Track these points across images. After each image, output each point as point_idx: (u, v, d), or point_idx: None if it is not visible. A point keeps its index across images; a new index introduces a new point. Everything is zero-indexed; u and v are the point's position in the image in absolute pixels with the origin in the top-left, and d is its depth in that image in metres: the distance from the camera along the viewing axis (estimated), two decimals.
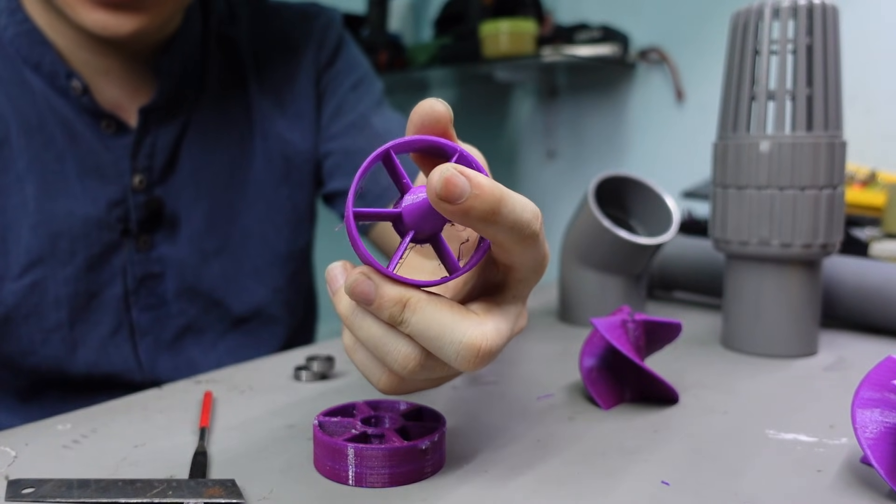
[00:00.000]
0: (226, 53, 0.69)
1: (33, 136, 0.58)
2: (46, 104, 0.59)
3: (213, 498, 0.30)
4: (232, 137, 0.68)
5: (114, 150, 0.61)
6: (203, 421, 0.39)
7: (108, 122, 0.61)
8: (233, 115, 0.68)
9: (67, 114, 0.60)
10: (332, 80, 0.73)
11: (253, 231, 0.69)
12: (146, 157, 0.62)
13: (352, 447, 0.32)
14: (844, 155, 0.52)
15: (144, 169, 0.62)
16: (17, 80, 0.59)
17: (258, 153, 0.69)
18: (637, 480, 0.33)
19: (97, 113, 0.60)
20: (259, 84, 0.70)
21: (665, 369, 0.49)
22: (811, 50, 0.50)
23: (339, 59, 0.73)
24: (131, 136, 0.62)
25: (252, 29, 0.71)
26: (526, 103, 1.86)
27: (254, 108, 0.69)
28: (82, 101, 0.60)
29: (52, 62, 0.59)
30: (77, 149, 0.60)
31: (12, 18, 0.59)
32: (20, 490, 0.30)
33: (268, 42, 0.71)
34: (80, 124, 0.60)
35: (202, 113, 0.66)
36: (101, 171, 0.61)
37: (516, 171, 1.89)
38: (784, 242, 0.51)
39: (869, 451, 0.31)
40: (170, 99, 0.63)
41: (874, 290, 0.57)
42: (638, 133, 1.64)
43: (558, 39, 1.55)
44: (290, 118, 0.71)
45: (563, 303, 0.64)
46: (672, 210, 0.61)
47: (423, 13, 2.01)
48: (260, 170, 0.69)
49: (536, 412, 0.42)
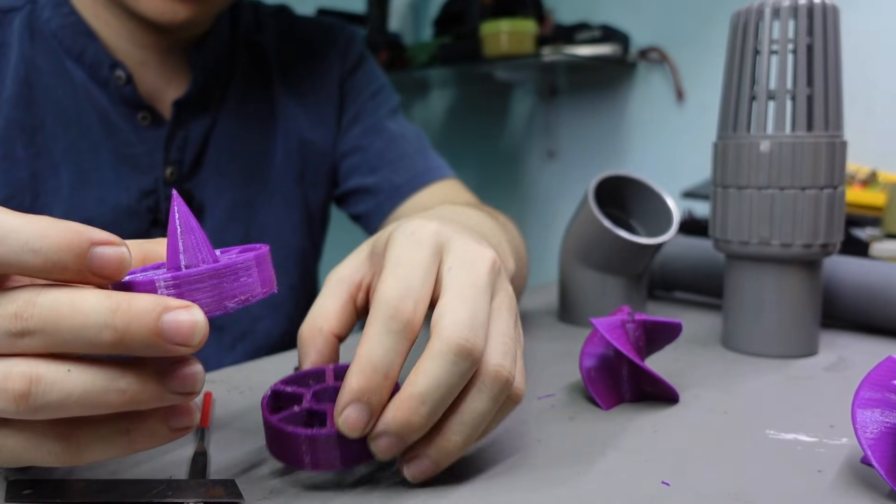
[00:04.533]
0: (252, 56, 0.72)
1: (70, 126, 0.61)
2: (85, 95, 0.62)
3: (213, 498, 0.30)
4: (255, 135, 0.70)
5: (148, 141, 0.63)
6: (203, 421, 0.39)
7: (145, 114, 0.63)
8: (257, 113, 0.71)
9: (105, 105, 0.62)
10: (353, 87, 0.76)
11: (270, 227, 0.71)
12: (178, 149, 0.65)
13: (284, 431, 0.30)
14: (845, 155, 0.52)
15: (176, 161, 0.65)
16: (58, 70, 0.61)
17: (279, 151, 0.71)
18: (637, 480, 0.33)
19: (136, 104, 0.63)
20: (284, 85, 0.73)
21: (665, 369, 0.49)
22: (811, 50, 0.50)
23: (360, 70, 0.77)
24: (165, 128, 0.64)
25: (278, 37, 0.74)
26: (526, 103, 1.86)
27: (278, 107, 0.72)
28: (124, 91, 0.62)
29: (95, 53, 0.61)
30: (112, 139, 0.62)
31: (58, 11, 0.61)
32: (20, 491, 0.30)
33: (294, 48, 0.74)
34: (116, 115, 0.62)
35: (229, 110, 0.68)
36: (134, 161, 0.63)
37: (516, 171, 1.89)
38: (784, 242, 0.51)
39: (869, 451, 0.31)
40: (201, 93, 0.66)
41: (874, 290, 0.57)
42: (638, 133, 1.64)
43: (558, 39, 1.55)
44: (313, 119, 0.73)
45: (563, 303, 0.64)
46: (672, 210, 0.61)
47: (423, 13, 2.01)
48: (280, 167, 0.71)
49: (536, 412, 0.42)
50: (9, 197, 0.59)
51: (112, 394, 0.25)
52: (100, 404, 0.25)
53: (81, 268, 0.24)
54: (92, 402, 0.25)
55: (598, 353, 0.44)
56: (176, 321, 0.24)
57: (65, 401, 0.24)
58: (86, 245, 0.24)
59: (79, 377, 0.24)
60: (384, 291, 0.30)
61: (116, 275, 0.25)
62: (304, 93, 0.74)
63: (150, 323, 0.24)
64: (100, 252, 0.24)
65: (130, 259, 0.25)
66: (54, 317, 0.24)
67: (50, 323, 0.24)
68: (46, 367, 0.24)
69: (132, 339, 0.24)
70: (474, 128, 1.97)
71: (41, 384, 0.24)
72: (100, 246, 0.24)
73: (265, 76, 0.72)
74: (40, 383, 0.24)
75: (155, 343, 0.24)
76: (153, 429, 0.27)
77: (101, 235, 0.24)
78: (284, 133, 0.72)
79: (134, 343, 0.24)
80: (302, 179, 0.73)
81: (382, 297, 0.30)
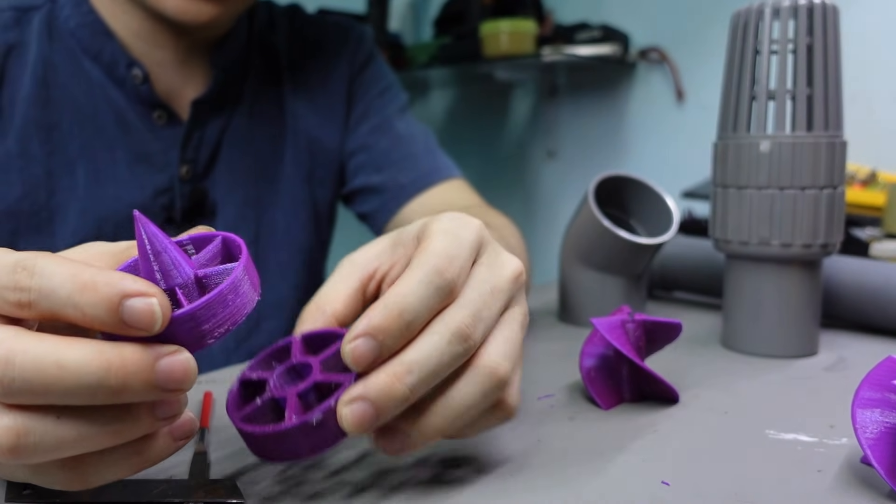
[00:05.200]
0: (264, 56, 0.72)
1: (85, 124, 0.62)
2: (102, 93, 0.62)
3: (213, 498, 0.30)
4: (266, 134, 0.71)
5: (163, 139, 0.64)
6: (203, 421, 0.39)
7: (161, 113, 0.64)
8: (268, 113, 0.71)
9: (121, 104, 0.63)
10: (362, 85, 0.77)
11: (279, 226, 0.71)
12: (194, 148, 0.65)
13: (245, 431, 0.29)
14: (844, 155, 0.52)
15: (191, 160, 0.65)
16: (75, 69, 0.62)
17: (288, 150, 0.72)
18: (637, 480, 0.33)
19: (152, 102, 0.63)
20: (293, 85, 0.73)
21: (665, 369, 0.49)
22: (811, 50, 0.50)
23: (369, 68, 0.77)
24: (181, 127, 0.64)
25: (290, 36, 0.75)
26: (526, 103, 1.86)
27: (287, 106, 0.72)
28: (140, 90, 0.62)
29: (112, 52, 0.62)
30: (128, 138, 0.63)
31: (77, 10, 0.62)
32: (20, 491, 0.30)
33: (304, 48, 0.75)
34: (132, 114, 0.63)
35: (241, 110, 0.69)
36: (150, 159, 0.63)
37: (516, 171, 1.89)
38: (784, 242, 0.51)
39: (869, 451, 0.31)
40: (218, 93, 0.66)
41: (874, 290, 0.57)
42: (638, 133, 1.64)
43: (558, 39, 1.55)
44: (321, 117, 0.74)
45: (563, 303, 0.64)
46: (672, 210, 0.61)
47: (423, 13, 2.01)
48: (289, 166, 0.72)
49: (536, 412, 0.42)
50: (25, 194, 0.59)
51: (107, 435, 0.25)
52: (96, 446, 0.25)
53: (116, 322, 0.23)
54: (87, 446, 0.24)
55: (598, 353, 0.44)
56: (170, 369, 0.24)
57: (58, 448, 0.24)
58: (117, 299, 0.23)
59: (69, 425, 0.24)
60: (435, 247, 0.30)
61: (150, 328, 0.23)
62: (313, 91, 0.74)
63: (146, 376, 0.23)
64: (130, 306, 0.23)
65: (161, 312, 0.24)
66: (40, 378, 0.23)
67: (36, 384, 0.23)
68: (32, 421, 0.24)
69: (127, 395, 0.24)
70: (474, 128, 1.97)
71: (29, 437, 0.23)
72: (131, 299, 0.23)
73: (276, 76, 0.72)
74: (28, 436, 0.23)
75: (150, 394, 0.24)
76: (161, 446, 0.27)
77: (133, 287, 0.23)
78: (293, 132, 0.72)
79: (126, 398, 0.24)
80: (310, 178, 0.73)
81: (432, 251, 0.30)
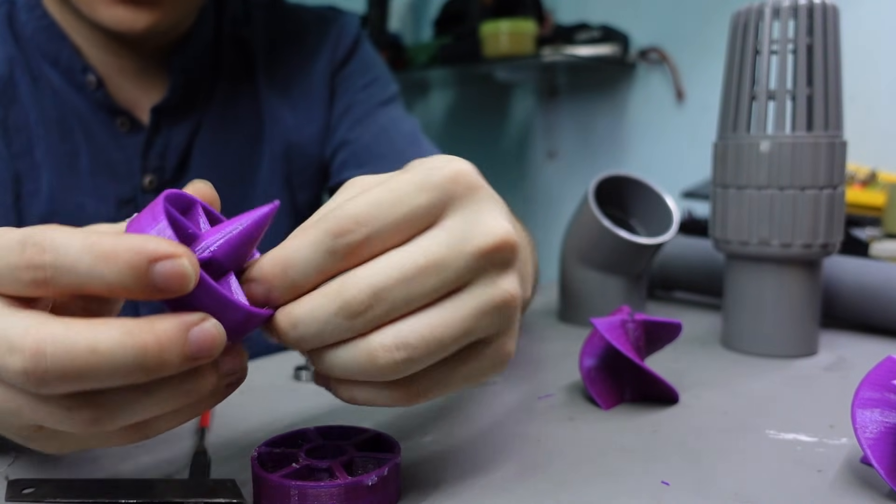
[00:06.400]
0: (239, 55, 0.69)
1: (51, 128, 0.60)
2: (66, 98, 0.61)
3: (213, 498, 0.30)
4: (241, 137, 0.68)
5: (126, 148, 0.62)
6: (203, 421, 0.39)
7: (123, 120, 0.62)
8: (242, 114, 0.69)
9: (84, 110, 0.61)
10: (345, 79, 0.73)
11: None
12: (158, 156, 0.63)
13: (295, 487, 0.28)
14: (844, 155, 0.52)
15: (156, 169, 0.63)
16: (38, 74, 0.60)
17: (265, 154, 0.69)
18: (637, 480, 0.33)
19: (112, 109, 0.61)
20: (271, 83, 0.70)
21: (665, 369, 0.49)
22: (811, 50, 0.50)
23: (353, 60, 0.74)
24: (143, 134, 0.62)
25: (267, 28, 0.71)
26: (526, 103, 1.86)
27: (264, 108, 0.69)
28: (97, 96, 0.61)
29: (69, 57, 0.60)
30: (91, 145, 0.61)
31: (32, 14, 0.60)
32: (20, 490, 0.30)
33: (282, 41, 0.71)
34: (95, 122, 0.61)
35: (214, 113, 0.66)
36: (112, 168, 0.62)
37: (516, 171, 1.89)
38: (784, 242, 0.51)
39: (869, 451, 0.31)
40: (182, 98, 0.64)
41: (874, 290, 0.57)
42: (638, 133, 1.64)
43: (558, 39, 1.55)
44: (300, 118, 0.71)
45: (563, 303, 0.64)
46: (672, 210, 0.61)
47: (423, 13, 2.01)
48: (266, 170, 0.69)
49: (536, 412, 0.42)
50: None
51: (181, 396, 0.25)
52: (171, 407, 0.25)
53: (145, 288, 0.23)
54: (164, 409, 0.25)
55: (598, 353, 0.44)
56: (202, 338, 0.24)
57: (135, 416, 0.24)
58: (145, 264, 0.22)
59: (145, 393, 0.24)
60: (346, 204, 0.26)
61: (184, 289, 0.23)
62: (291, 90, 0.71)
63: (179, 350, 0.23)
64: (160, 270, 0.22)
65: (193, 271, 0.23)
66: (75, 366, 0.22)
67: (71, 373, 0.22)
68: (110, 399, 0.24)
69: (163, 371, 0.23)
70: (474, 128, 1.97)
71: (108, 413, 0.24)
72: (159, 262, 0.22)
73: (250, 73, 0.69)
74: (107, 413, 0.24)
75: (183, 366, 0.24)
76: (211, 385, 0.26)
77: (160, 248, 0.22)
78: (270, 137, 0.69)
79: (162, 374, 0.23)
80: (289, 183, 0.71)
81: (338, 209, 0.26)
